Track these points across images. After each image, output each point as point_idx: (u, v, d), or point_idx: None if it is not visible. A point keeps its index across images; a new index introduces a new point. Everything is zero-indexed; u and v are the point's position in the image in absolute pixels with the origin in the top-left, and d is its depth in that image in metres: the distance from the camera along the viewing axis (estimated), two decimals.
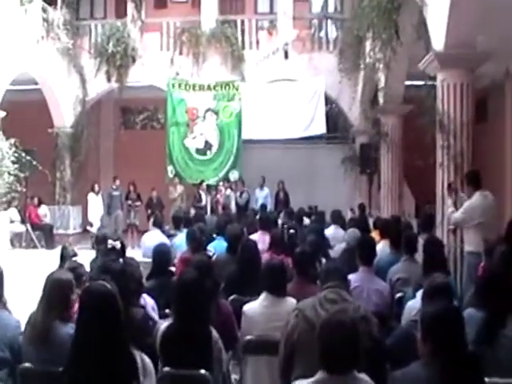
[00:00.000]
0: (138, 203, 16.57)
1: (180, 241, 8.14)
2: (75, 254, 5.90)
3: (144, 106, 20.93)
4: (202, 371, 3.75)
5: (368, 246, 5.73)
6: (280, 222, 10.47)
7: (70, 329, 3.66)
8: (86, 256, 6.19)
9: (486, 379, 3.17)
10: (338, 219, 10.10)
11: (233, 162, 17.11)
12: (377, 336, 3.72)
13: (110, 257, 5.91)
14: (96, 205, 16.48)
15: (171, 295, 4.33)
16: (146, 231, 10.34)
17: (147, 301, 4.88)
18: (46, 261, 10.78)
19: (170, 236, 9.03)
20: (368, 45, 12.35)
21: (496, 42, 9.05)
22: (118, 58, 16.91)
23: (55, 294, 3.82)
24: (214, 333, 3.97)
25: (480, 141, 8.13)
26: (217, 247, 7.53)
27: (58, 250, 6.40)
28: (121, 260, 5.57)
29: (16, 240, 15.59)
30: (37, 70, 15.52)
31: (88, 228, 16.60)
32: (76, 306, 3.53)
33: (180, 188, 16.73)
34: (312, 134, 16.61)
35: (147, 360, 3.25)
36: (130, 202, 16.52)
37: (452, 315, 3.03)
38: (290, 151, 18.37)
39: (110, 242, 6.43)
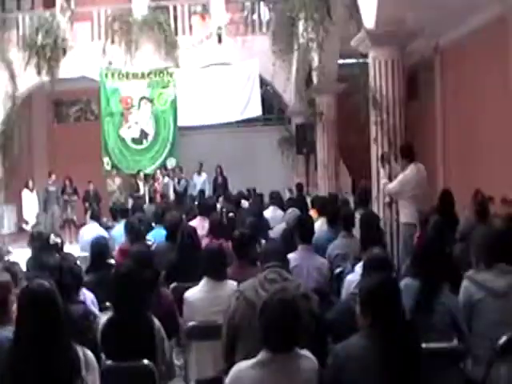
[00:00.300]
0: (75, 197, 16.24)
1: (118, 232, 8.00)
2: (9, 252, 5.74)
3: (77, 98, 20.44)
4: (146, 361, 3.71)
5: (306, 225, 5.77)
6: (219, 206, 10.45)
7: (8, 332, 3.54)
8: (22, 255, 6.02)
9: (423, 345, 3.26)
10: (276, 200, 10.16)
11: (170, 149, 16.96)
12: (317, 313, 3.76)
13: (47, 253, 5.77)
14: (31, 202, 16.07)
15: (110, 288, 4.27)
16: (83, 226, 10.17)
17: (87, 295, 4.81)
18: None
19: (107, 228, 8.92)
20: (301, 25, 12.37)
21: (425, 19, 9.16)
22: (47, 50, 16.37)
23: None
24: (156, 322, 3.93)
25: (412, 116, 8.24)
26: (156, 236, 7.44)
27: None
28: (57, 255, 5.44)
29: None
30: None
31: (23, 226, 16.17)
32: (14, 306, 3.42)
33: (118, 180, 16.52)
34: (248, 116, 16.62)
35: (90, 354, 3.19)
36: (66, 196, 16.17)
37: (388, 287, 3.08)
38: (227, 135, 18.36)
39: (52, 237, 6.29)
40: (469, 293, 3.91)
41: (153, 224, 8.03)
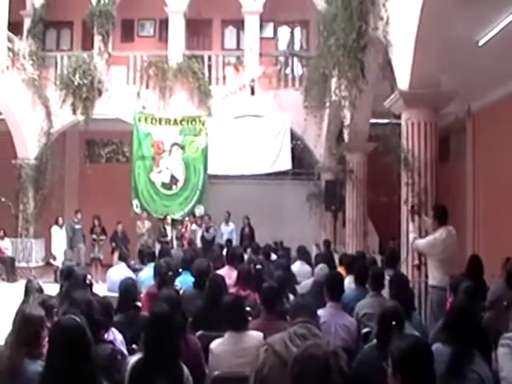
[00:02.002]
0: (103, 237, 16.48)
1: (146, 275, 8.11)
2: (41, 288, 5.81)
3: (109, 139, 20.90)
4: None
5: (336, 282, 5.79)
6: (246, 257, 10.47)
7: (38, 366, 3.59)
8: (49, 289, 6.09)
9: None
10: (303, 255, 10.19)
11: (198, 196, 17.12)
12: (346, 371, 3.74)
13: (79, 290, 5.85)
14: (59, 238, 16.33)
15: (140, 330, 4.30)
16: (109, 265, 10.27)
17: (116, 335, 4.84)
18: (8, 294, 10.63)
19: (135, 270, 8.99)
20: (333, 83, 12.55)
21: (458, 82, 9.29)
22: (84, 91, 16.91)
23: (25, 330, 3.73)
24: (185, 369, 3.95)
25: (442, 178, 8.24)
26: (183, 282, 7.49)
27: (19, 284, 6.32)
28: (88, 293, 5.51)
29: None
30: (1, 100, 15.43)
31: (51, 261, 16.38)
32: (46, 340, 3.48)
33: (147, 223, 16.66)
34: (278, 169, 16.72)
35: None
36: (94, 236, 16.41)
37: (422, 350, 3.07)
38: (256, 187, 18.49)
39: (88, 277, 6.41)
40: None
41: (180, 270, 8.09)
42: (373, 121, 12.45)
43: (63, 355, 3.00)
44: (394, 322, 4.15)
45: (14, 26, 16.44)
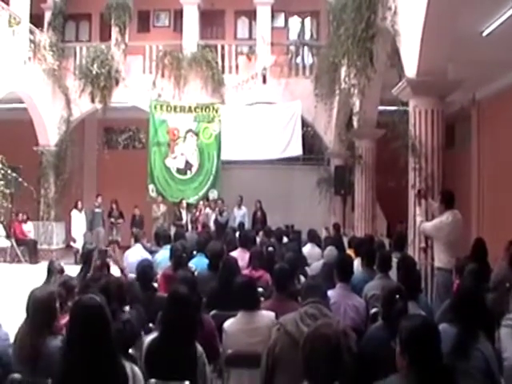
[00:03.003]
0: (121, 220, 16.57)
1: (161, 257, 8.16)
2: (62, 269, 5.86)
3: (126, 126, 20.89)
4: (187, 383, 3.74)
5: (346, 264, 5.79)
6: (259, 240, 10.49)
7: (58, 341, 3.63)
8: (69, 271, 6.13)
9: None
10: (314, 238, 10.18)
11: (212, 181, 17.09)
12: (355, 350, 3.77)
13: (98, 271, 5.93)
14: (79, 221, 16.44)
15: (156, 309, 4.33)
16: (128, 247, 10.31)
17: (133, 314, 4.87)
18: (31, 275, 10.73)
19: (151, 252, 9.05)
20: (343, 71, 12.46)
21: (464, 71, 9.21)
22: (101, 80, 16.94)
23: (38, 311, 3.81)
24: (199, 347, 3.97)
25: (448, 164, 8.20)
26: (197, 264, 7.53)
27: (41, 265, 6.39)
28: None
29: (1, 255, 15.45)
30: (23, 89, 15.51)
31: (71, 244, 16.53)
32: (66, 319, 3.51)
33: (163, 207, 16.69)
34: (289, 155, 16.66)
35: (137, 371, 3.25)
36: (112, 219, 16.49)
37: (429, 330, 3.08)
38: (268, 172, 18.44)
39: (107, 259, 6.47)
40: None
41: (194, 252, 8.15)
42: (381, 108, 12.37)
43: (83, 332, 3.02)
44: (397, 300, 4.12)
45: (36, 19, 16.55)
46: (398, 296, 4.15)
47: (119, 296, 4.68)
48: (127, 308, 4.90)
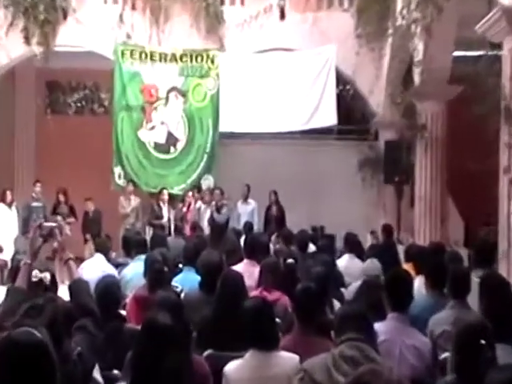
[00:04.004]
0: (71, 219, 16.49)
1: (132, 272, 8.20)
2: None
3: (80, 82, 20.94)
4: None
5: (402, 285, 5.75)
6: (273, 247, 10.50)
7: None
8: None
9: None
10: (353, 246, 10.19)
11: (206, 163, 17.15)
12: None
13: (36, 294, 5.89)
14: (8, 221, 16.34)
15: (124, 349, 4.31)
16: (81, 259, 10.31)
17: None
18: None
19: (118, 265, 9.07)
20: (399, 0, 12.42)
21: None
22: (41, 11, 16.52)
23: None
24: None
25: None
26: (185, 282, 7.55)
27: None
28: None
29: None
30: None
31: None
32: None
33: (135, 200, 16.71)
34: (317, 126, 16.71)
35: None
36: (59, 217, 16.41)
37: None
38: (286, 150, 18.48)
39: (35, 273, 6.39)
40: None
41: (180, 265, 8.18)
42: (457, 54, 12.29)
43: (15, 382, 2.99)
44: (480, 344, 4.05)
45: None
46: (480, 337, 4.09)
47: (69, 328, 4.68)
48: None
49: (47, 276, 6.42)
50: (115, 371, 5.10)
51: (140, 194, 16.99)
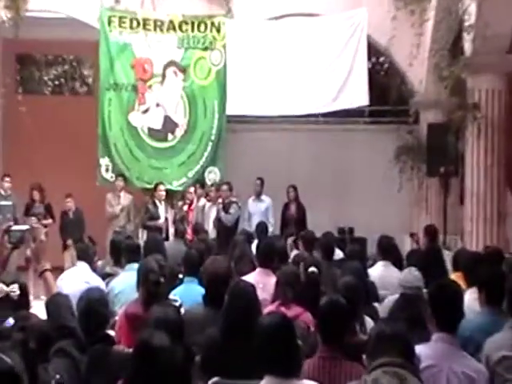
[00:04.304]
0: (48, 221, 16.55)
1: (122, 285, 8.26)
2: None
3: (58, 55, 21.10)
4: None
5: (449, 300, 5.69)
6: (292, 253, 10.49)
7: None
8: None
9: None
10: (389, 251, 10.15)
11: (211, 153, 17.21)
12: None
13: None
14: None
15: (116, 374, 4.32)
16: (60, 269, 10.36)
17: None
18: None
19: (105, 276, 9.11)
20: None
21: None
22: None
23: None
24: None
25: None
26: (185, 295, 7.55)
27: None
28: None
29: None
30: None
31: None
32: None
33: (126, 198, 16.84)
34: (345, 107, 16.77)
35: None
36: (33, 219, 16.49)
37: None
38: (307, 138, 18.60)
39: (1, 287, 6.41)
40: None
41: (180, 275, 8.20)
42: None
43: None
44: None
45: None
46: None
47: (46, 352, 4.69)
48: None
49: (15, 289, 6.44)
50: None
51: (132, 190, 17.11)
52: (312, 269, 7.92)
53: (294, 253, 10.81)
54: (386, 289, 8.91)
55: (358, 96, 16.37)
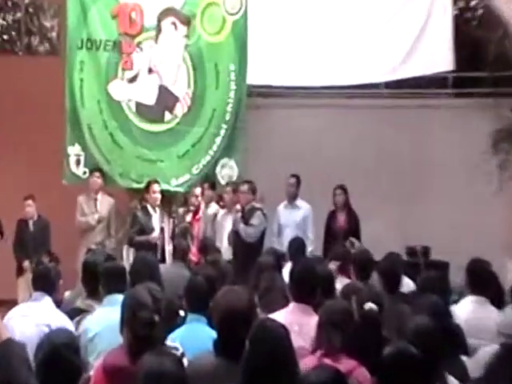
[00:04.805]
0: None
1: (100, 325, 8.25)
2: None
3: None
4: None
5: None
6: (340, 284, 10.48)
7: None
8: None
9: None
10: (483, 282, 10.11)
11: (226, 139, 17.22)
12: None
13: None
14: None
15: None
16: (12, 303, 10.41)
17: None
18: None
19: (75, 313, 9.12)
20: None
21: None
22: None
23: None
24: None
25: None
26: (190, 340, 7.64)
27: None
28: None
29: None
30: None
31: None
32: None
33: (106, 202, 16.97)
34: (417, 74, 16.82)
35: None
36: None
37: None
38: (361, 117, 18.68)
39: None
40: None
41: (181, 312, 8.21)
42: None
43: None
44: None
45: None
46: None
47: None
48: None
49: None
50: None
51: (113, 191, 17.18)
52: (369, 305, 7.94)
53: (342, 282, 10.81)
54: (478, 336, 8.88)
55: (438, 58, 16.50)
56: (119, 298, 7.73)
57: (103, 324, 8.08)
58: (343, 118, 18.37)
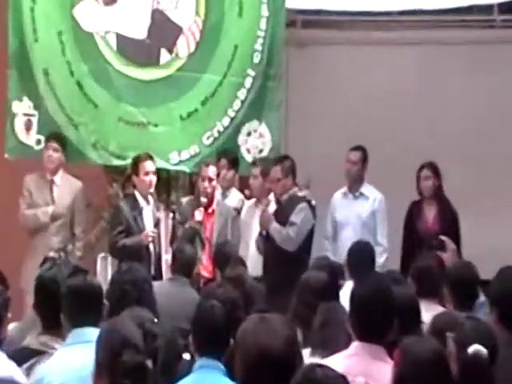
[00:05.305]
0: None
1: (62, 374, 8.23)
2: None
3: None
4: None
5: None
6: (428, 316, 10.47)
7: None
8: None
9: None
10: None
11: (254, 93, 17.25)
12: None
13: None
14: None
15: None
16: None
17: None
18: None
19: (24, 356, 9.12)
20: None
21: None
22: None
23: None
24: None
25: None
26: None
27: None
28: None
29: None
30: None
31: None
32: None
33: (69, 186, 16.97)
34: None
35: None
36: None
37: None
38: (466, 57, 18.71)
39: None
40: None
41: (187, 355, 8.20)
42: None
43: None
44: None
45: None
46: None
47: None
48: None
49: None
50: None
51: (81, 170, 17.17)
52: (476, 347, 7.93)
53: (430, 310, 10.80)
54: None
55: None
56: (91, 332, 7.77)
57: (67, 372, 8.07)
58: (434, 60, 18.41)
